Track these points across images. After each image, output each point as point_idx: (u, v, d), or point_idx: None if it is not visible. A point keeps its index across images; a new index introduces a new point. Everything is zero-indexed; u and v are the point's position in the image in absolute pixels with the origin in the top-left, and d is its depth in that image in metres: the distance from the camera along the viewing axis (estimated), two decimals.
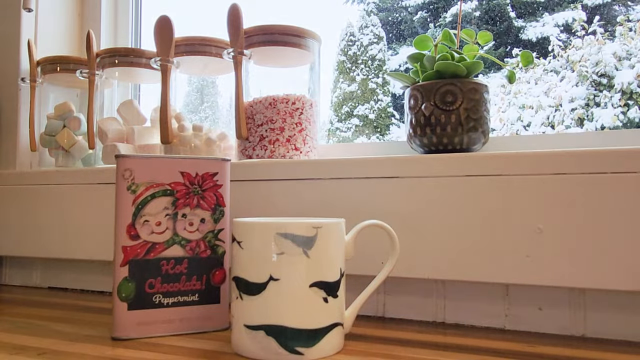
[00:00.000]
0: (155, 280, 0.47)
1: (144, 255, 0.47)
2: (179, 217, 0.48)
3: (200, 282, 0.48)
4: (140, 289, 0.46)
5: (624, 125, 1.88)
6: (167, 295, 0.47)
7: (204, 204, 0.49)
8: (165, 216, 0.47)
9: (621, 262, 0.46)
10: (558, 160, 0.48)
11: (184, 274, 0.48)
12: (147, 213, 0.47)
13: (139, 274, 0.46)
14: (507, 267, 0.50)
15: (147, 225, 0.47)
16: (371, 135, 3.55)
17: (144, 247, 0.47)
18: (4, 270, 0.81)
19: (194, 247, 0.48)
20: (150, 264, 0.47)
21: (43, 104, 0.84)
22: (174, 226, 0.48)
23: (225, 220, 0.50)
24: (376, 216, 0.50)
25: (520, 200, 0.49)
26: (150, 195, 0.47)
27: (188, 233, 0.48)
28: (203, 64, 0.75)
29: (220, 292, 0.49)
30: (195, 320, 0.48)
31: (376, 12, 4.30)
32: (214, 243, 0.49)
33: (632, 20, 1.98)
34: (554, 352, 0.44)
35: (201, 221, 0.48)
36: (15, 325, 0.52)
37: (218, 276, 0.49)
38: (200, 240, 0.48)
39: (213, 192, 0.49)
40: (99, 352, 0.43)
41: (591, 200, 0.47)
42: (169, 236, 0.47)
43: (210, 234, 0.49)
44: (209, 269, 0.49)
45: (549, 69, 2.15)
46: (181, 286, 0.48)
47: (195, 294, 0.48)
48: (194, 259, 0.48)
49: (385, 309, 0.57)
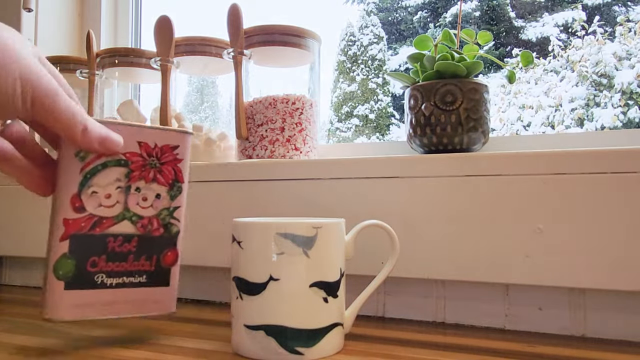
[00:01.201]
0: (99, 259, 0.42)
1: (89, 230, 0.41)
2: (131, 191, 0.43)
3: (149, 263, 0.44)
4: (81, 267, 0.41)
5: (624, 125, 1.87)
6: (111, 275, 0.42)
7: (160, 178, 0.44)
8: (116, 189, 0.42)
9: (621, 262, 0.46)
10: (558, 160, 0.48)
11: (132, 252, 0.43)
12: (96, 184, 0.41)
13: (81, 251, 0.41)
14: (507, 267, 0.50)
15: (95, 197, 0.41)
16: (371, 135, 3.56)
17: (89, 221, 0.41)
18: (4, 270, 0.81)
19: (145, 225, 0.43)
20: (95, 240, 0.41)
21: None
22: (125, 200, 0.42)
23: (182, 198, 0.45)
24: (376, 216, 0.50)
25: (520, 200, 0.49)
26: (102, 164, 0.41)
27: (141, 209, 0.43)
28: (203, 64, 0.75)
29: (170, 274, 0.45)
30: (141, 303, 0.44)
31: (376, 12, 4.29)
32: (168, 221, 0.44)
33: (632, 20, 1.98)
34: (554, 352, 0.44)
35: (156, 197, 0.44)
36: (15, 325, 0.52)
37: (170, 257, 0.45)
38: (154, 218, 0.44)
39: (172, 167, 0.44)
40: (99, 352, 0.43)
41: (591, 200, 0.47)
42: (118, 211, 0.42)
43: (165, 212, 0.44)
44: (161, 249, 0.44)
45: (549, 69, 2.15)
46: (128, 266, 0.43)
47: (143, 275, 0.44)
48: (145, 237, 0.43)
49: (385, 309, 0.57)
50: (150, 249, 0.44)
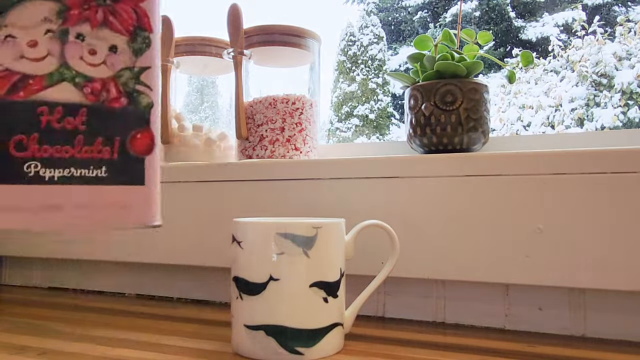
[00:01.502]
0: (28, 139, 0.28)
1: (7, 93, 0.27)
2: (70, 39, 0.29)
3: (109, 149, 0.29)
4: (1, 150, 0.27)
5: (624, 125, 1.87)
6: (49, 164, 0.28)
7: (115, 22, 0.30)
8: (45, 34, 0.28)
9: (621, 262, 0.46)
10: (558, 160, 0.49)
11: (81, 132, 0.28)
12: (13, 23, 0.28)
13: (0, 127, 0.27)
14: (507, 267, 0.50)
15: (12, 44, 0.28)
16: (371, 135, 3.56)
17: (7, 80, 0.27)
18: (4, 270, 0.81)
19: (98, 91, 0.29)
20: (19, 110, 0.27)
21: None
22: (61, 52, 0.28)
23: (151, 55, 0.30)
24: (376, 216, 0.50)
25: (520, 200, 0.49)
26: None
27: (87, 66, 0.29)
28: (203, 64, 0.75)
29: (144, 166, 0.30)
30: (101, 208, 0.29)
31: (376, 12, 4.28)
32: (133, 88, 0.30)
33: (632, 20, 1.97)
34: (554, 352, 0.44)
35: (111, 50, 0.30)
36: (15, 325, 0.52)
37: (141, 141, 0.30)
38: (110, 81, 0.30)
39: (132, 7, 0.30)
40: (99, 352, 0.43)
41: (591, 200, 0.47)
42: (52, 67, 0.28)
43: (127, 73, 0.30)
44: (125, 128, 0.30)
45: (549, 69, 2.15)
46: (75, 152, 0.29)
47: (100, 167, 0.29)
48: (99, 109, 0.29)
49: (385, 309, 0.57)
50: (109, 128, 0.29)
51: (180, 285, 0.67)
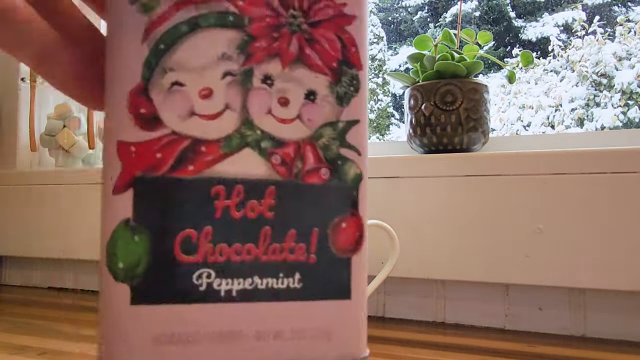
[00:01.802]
0: (199, 234, 0.18)
1: (173, 168, 0.18)
2: (254, 84, 0.19)
3: (304, 246, 0.19)
4: (162, 250, 0.18)
5: (624, 125, 1.87)
6: (226, 272, 0.18)
7: (313, 57, 0.20)
8: (223, 77, 0.19)
9: (621, 262, 0.46)
10: (558, 160, 0.48)
11: (268, 222, 0.19)
12: (181, 65, 0.18)
13: (159, 214, 0.18)
14: (507, 267, 0.50)
15: (180, 96, 0.18)
16: (371, 135, 3.56)
17: (173, 148, 0.18)
18: (4, 270, 0.81)
19: (290, 159, 0.19)
20: (187, 192, 0.18)
21: (43, 104, 0.84)
22: (243, 103, 0.19)
23: (360, 104, 0.21)
24: (376, 216, 0.50)
25: (520, 200, 0.49)
26: (187, 23, 0.18)
27: (276, 123, 0.19)
28: None
29: (350, 271, 0.20)
30: (294, 337, 0.19)
31: (376, 12, 4.29)
32: (336, 152, 0.20)
33: (632, 20, 1.98)
34: (554, 352, 0.44)
35: (308, 97, 0.20)
36: (15, 325, 0.52)
37: (346, 233, 0.20)
38: (307, 143, 0.20)
39: (335, 32, 0.20)
40: None
41: (591, 200, 0.47)
42: (231, 126, 0.19)
43: (328, 131, 0.20)
44: (326, 213, 0.20)
45: (549, 69, 2.15)
46: (260, 252, 0.19)
47: (292, 274, 0.19)
48: (291, 187, 0.19)
49: (385, 309, 0.57)
50: (305, 215, 0.20)
51: None
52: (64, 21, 0.19)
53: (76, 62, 0.19)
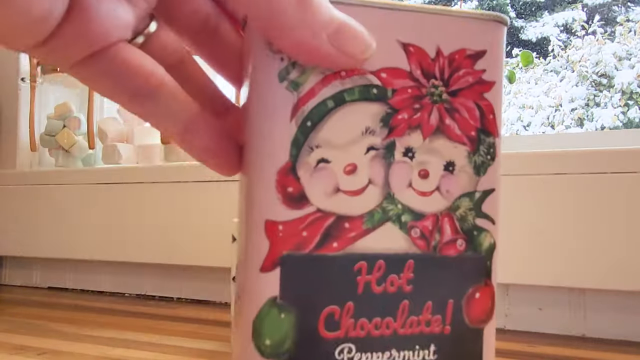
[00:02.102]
0: (342, 310, 0.19)
1: (318, 246, 0.18)
2: (397, 157, 0.19)
3: (440, 317, 0.20)
4: (307, 327, 0.18)
5: (624, 125, 1.87)
6: (366, 346, 0.19)
7: (453, 127, 0.20)
8: (367, 152, 0.19)
9: (621, 262, 0.46)
10: (558, 160, 0.48)
11: (406, 296, 0.19)
12: (327, 141, 0.18)
13: (305, 292, 0.18)
14: (507, 267, 0.49)
15: (326, 173, 0.18)
16: None
17: (319, 225, 0.18)
18: (4, 270, 0.81)
19: (428, 232, 0.20)
20: (331, 269, 0.19)
21: (43, 104, 0.84)
22: (385, 178, 0.19)
23: (496, 172, 0.22)
24: None
25: (520, 200, 0.49)
26: (333, 99, 0.18)
27: (417, 196, 0.19)
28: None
29: (482, 343, 0.20)
30: None
31: None
32: (472, 223, 0.21)
33: (632, 20, 1.98)
34: (554, 352, 0.44)
35: (447, 168, 0.20)
36: (15, 325, 0.52)
37: (480, 304, 0.21)
38: (445, 215, 0.20)
39: (474, 99, 0.20)
40: (99, 352, 0.43)
41: (591, 200, 0.47)
42: (374, 202, 0.19)
43: (465, 202, 0.21)
44: (461, 285, 0.20)
45: (549, 69, 2.15)
46: (398, 325, 0.19)
47: (428, 346, 0.20)
48: (429, 259, 0.20)
49: None
50: (442, 287, 0.20)
51: (180, 285, 0.66)
52: (200, 92, 0.20)
53: (215, 133, 0.19)
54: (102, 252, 0.69)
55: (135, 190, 0.68)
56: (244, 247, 0.18)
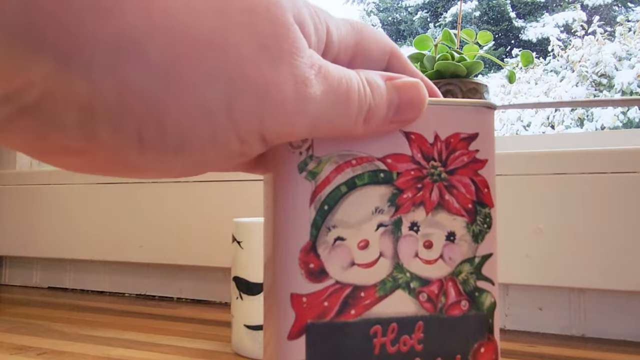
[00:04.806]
0: None
1: (337, 314, 0.21)
2: (403, 231, 0.22)
3: None
4: None
5: (624, 125, 1.87)
6: None
7: (452, 201, 0.23)
8: (377, 229, 0.22)
9: (621, 262, 0.46)
10: (558, 160, 0.48)
11: (418, 354, 0.22)
12: (342, 222, 0.21)
13: (328, 356, 0.21)
14: (507, 267, 0.50)
15: (342, 250, 0.21)
16: None
17: (337, 296, 0.21)
18: (4, 270, 0.81)
19: (434, 296, 0.23)
20: (350, 334, 0.21)
21: None
22: (394, 250, 0.22)
23: (493, 239, 0.24)
24: None
25: (520, 200, 0.49)
26: (346, 184, 0.21)
27: (423, 265, 0.23)
28: None
29: None
30: None
31: (376, 12, 4.30)
32: (473, 285, 0.23)
33: (632, 20, 1.98)
34: (554, 352, 0.44)
35: (448, 238, 0.23)
36: (15, 325, 0.52)
37: (485, 357, 0.25)
38: (448, 280, 0.23)
39: (470, 176, 0.23)
40: (99, 352, 0.43)
41: (591, 200, 0.47)
42: (385, 272, 0.22)
43: (466, 267, 0.23)
44: (467, 341, 0.23)
45: (549, 69, 2.15)
46: None
47: None
48: (436, 320, 0.22)
49: None
50: (449, 344, 0.23)
51: (180, 285, 0.67)
52: None
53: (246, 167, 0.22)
54: (102, 252, 0.69)
55: (135, 190, 0.68)
56: (273, 318, 0.21)
